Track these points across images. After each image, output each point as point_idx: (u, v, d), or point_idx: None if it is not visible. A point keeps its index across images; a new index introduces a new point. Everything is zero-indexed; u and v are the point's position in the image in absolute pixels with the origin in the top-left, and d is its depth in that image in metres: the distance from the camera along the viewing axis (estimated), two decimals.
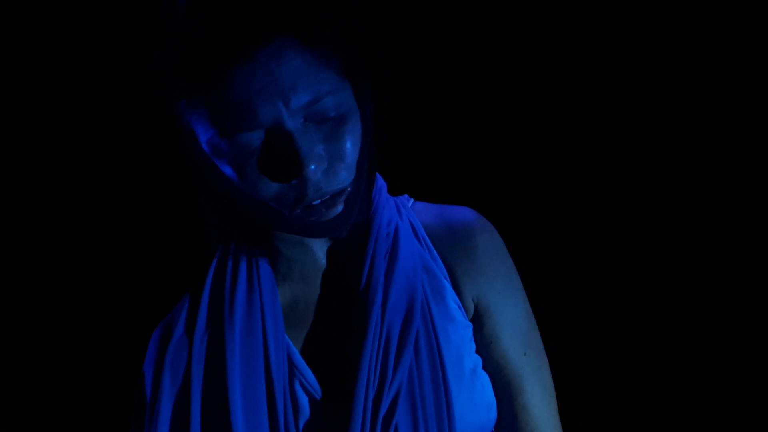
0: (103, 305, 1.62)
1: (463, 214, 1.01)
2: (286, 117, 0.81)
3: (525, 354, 0.99)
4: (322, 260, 1.00)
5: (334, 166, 0.85)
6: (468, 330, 0.98)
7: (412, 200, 1.05)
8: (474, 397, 0.95)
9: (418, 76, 1.55)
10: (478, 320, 0.99)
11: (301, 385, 0.93)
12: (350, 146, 0.85)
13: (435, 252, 0.99)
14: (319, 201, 0.87)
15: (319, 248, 0.99)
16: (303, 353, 0.95)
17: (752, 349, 1.59)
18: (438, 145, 1.59)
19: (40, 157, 1.59)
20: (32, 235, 1.62)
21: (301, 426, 0.92)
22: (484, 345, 0.99)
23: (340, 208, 0.88)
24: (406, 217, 1.00)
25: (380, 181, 1.01)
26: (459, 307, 0.97)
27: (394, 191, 1.06)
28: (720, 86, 1.54)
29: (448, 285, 0.98)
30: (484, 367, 0.99)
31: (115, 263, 1.62)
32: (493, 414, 0.98)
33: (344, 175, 0.86)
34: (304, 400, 0.93)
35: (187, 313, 0.97)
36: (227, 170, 0.86)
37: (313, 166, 0.82)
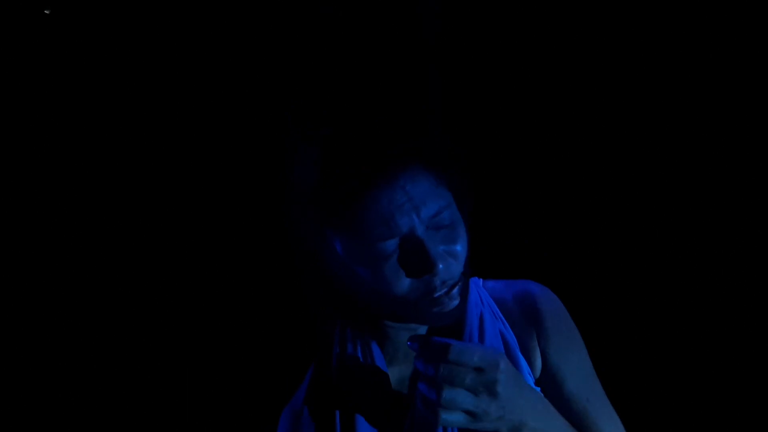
0: (102, 305, 1.63)
1: (527, 285, 1.20)
2: (418, 226, 1.02)
3: (588, 400, 1.15)
4: None
5: (450, 262, 1.04)
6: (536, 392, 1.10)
7: (481, 280, 1.22)
8: None
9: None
10: (545, 376, 1.15)
11: None
12: (460, 248, 1.05)
13: (506, 322, 1.16)
14: (440, 293, 1.03)
15: (422, 332, 1.12)
16: None
17: (753, 348, 1.60)
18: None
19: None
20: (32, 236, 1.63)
21: None
22: (552, 398, 1.13)
23: (456, 301, 1.05)
24: (485, 300, 1.17)
25: None
26: (529, 374, 1.13)
27: None
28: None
29: (519, 352, 1.13)
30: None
31: (115, 266, 1.63)
32: None
33: (457, 270, 1.05)
34: None
35: (312, 395, 1.10)
36: (361, 270, 1.04)
37: (441, 265, 1.02)
